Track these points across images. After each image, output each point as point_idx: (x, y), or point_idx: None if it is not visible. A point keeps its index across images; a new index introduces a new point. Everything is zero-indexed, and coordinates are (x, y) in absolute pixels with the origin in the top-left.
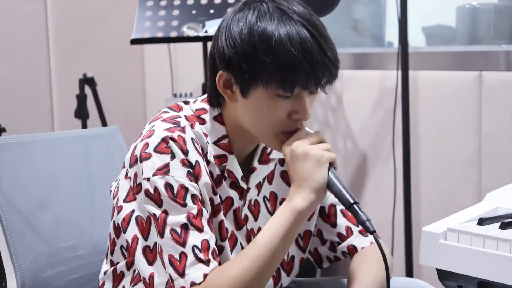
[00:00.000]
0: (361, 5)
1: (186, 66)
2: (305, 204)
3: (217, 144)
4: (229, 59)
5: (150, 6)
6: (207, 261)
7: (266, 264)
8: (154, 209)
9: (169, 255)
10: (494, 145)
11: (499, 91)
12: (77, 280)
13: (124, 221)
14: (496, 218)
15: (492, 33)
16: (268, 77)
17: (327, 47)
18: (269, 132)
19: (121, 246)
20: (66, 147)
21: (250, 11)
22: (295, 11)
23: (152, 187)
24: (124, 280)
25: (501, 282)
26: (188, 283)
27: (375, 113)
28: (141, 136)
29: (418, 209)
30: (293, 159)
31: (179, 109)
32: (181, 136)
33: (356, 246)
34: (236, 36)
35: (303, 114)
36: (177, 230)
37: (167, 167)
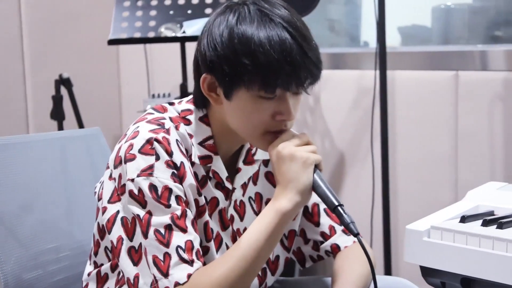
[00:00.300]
0: (336, 5)
1: (163, 66)
2: (290, 206)
3: (202, 145)
4: (211, 62)
5: (127, 7)
6: (191, 261)
7: (251, 264)
8: (138, 210)
9: (153, 256)
10: (470, 144)
11: (475, 90)
12: (60, 282)
13: (109, 222)
14: (478, 216)
15: (467, 33)
16: (249, 79)
17: (308, 48)
18: (254, 133)
19: (106, 247)
20: (48, 149)
21: (231, 14)
22: (276, 13)
23: (136, 188)
24: (108, 282)
25: (483, 278)
26: (172, 283)
27: (353, 112)
28: (126, 137)
29: (396, 207)
30: (279, 161)
31: (164, 111)
32: (166, 137)
33: (340, 245)
34: (217, 39)
35: (287, 115)
36: (161, 230)
37: (151, 168)
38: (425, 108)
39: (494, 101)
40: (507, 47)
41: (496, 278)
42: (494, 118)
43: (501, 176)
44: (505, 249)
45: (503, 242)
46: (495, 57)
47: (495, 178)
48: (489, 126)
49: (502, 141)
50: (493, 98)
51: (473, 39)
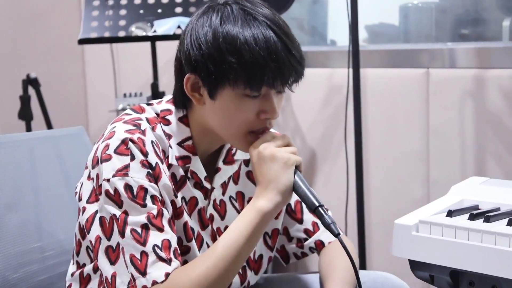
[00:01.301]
0: (302, 4)
1: (130, 65)
2: (271, 206)
3: (181, 146)
4: (195, 62)
5: (97, 6)
6: (168, 260)
7: (230, 264)
8: (114, 210)
9: (130, 255)
10: (441, 140)
11: (445, 87)
12: (46, 281)
13: (88, 222)
14: (464, 210)
15: (435, 31)
16: (234, 78)
17: (292, 46)
18: (237, 133)
19: (87, 247)
20: (29, 149)
21: (214, 14)
22: (260, 12)
23: (112, 188)
24: (91, 283)
25: (472, 271)
26: (150, 282)
27: (324, 110)
28: (103, 137)
29: (369, 203)
30: (260, 161)
31: (141, 111)
32: (141, 138)
33: (324, 241)
34: (201, 39)
35: (272, 113)
36: (138, 230)
37: (126, 168)
38: (396, 106)
39: (464, 98)
40: (476, 45)
41: (484, 270)
42: (464, 114)
43: (472, 172)
44: (493, 241)
45: (491, 235)
46: (465, 55)
47: (466, 174)
48: (460, 123)
49: (472, 138)
50: (463, 95)
51: (441, 37)
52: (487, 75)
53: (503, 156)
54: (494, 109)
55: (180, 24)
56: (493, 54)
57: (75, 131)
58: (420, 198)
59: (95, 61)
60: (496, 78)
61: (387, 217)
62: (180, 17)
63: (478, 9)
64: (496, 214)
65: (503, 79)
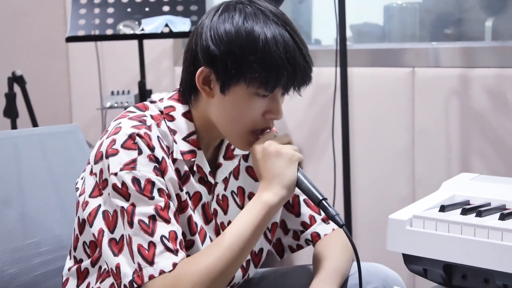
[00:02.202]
0: (289, 3)
1: (115, 64)
2: (276, 199)
3: (186, 140)
4: (214, 57)
5: (84, 4)
6: (175, 250)
7: (237, 254)
8: (122, 203)
9: (138, 245)
10: (426, 138)
11: (431, 86)
12: (41, 276)
13: (91, 216)
14: (455, 205)
15: (418, 31)
16: (252, 76)
17: (306, 52)
18: (240, 130)
19: (84, 242)
20: (26, 145)
21: (236, 12)
22: (274, 13)
23: (119, 182)
24: (89, 277)
25: (465, 264)
26: (157, 271)
27: (310, 109)
28: (107, 133)
29: (355, 201)
30: (264, 157)
31: (145, 109)
32: (147, 133)
33: (320, 233)
34: (222, 35)
35: (277, 114)
36: (145, 220)
37: (134, 162)
38: (382, 104)
39: (449, 97)
40: (461, 44)
41: (477, 263)
42: (449, 113)
43: (457, 169)
44: (486, 235)
45: (484, 229)
46: (450, 54)
47: (451, 172)
48: (445, 121)
49: (457, 136)
50: (448, 94)
51: (425, 37)
52: (471, 74)
53: (488, 153)
54: (479, 107)
55: (167, 22)
56: (477, 54)
57: (69, 128)
58: (406, 195)
59: (79, 59)
60: (481, 77)
61: (373, 214)
62: (167, 15)
63: (461, 10)
64: (487, 209)
65: (487, 78)
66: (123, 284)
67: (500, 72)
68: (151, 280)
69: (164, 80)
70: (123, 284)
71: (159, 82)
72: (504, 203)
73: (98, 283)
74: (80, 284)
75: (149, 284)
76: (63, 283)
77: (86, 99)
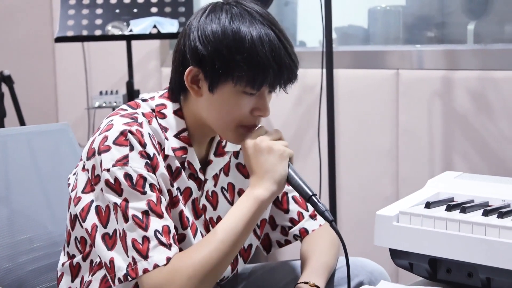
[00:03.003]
0: (274, 5)
1: (102, 64)
2: (267, 194)
3: (178, 137)
4: (202, 57)
5: (73, 5)
6: (169, 245)
7: (230, 248)
8: (114, 198)
9: (132, 239)
10: (410, 139)
11: (414, 88)
12: (35, 271)
13: (83, 211)
14: (440, 202)
15: (402, 33)
16: (239, 75)
17: (291, 51)
18: (229, 125)
19: (75, 238)
20: (17, 144)
21: (223, 13)
22: (260, 13)
23: (112, 178)
24: (81, 271)
25: (450, 258)
26: (151, 265)
27: (296, 110)
28: (99, 130)
29: (340, 200)
30: (256, 153)
31: (136, 106)
32: (139, 130)
33: (308, 229)
34: (210, 35)
35: (264, 111)
36: (139, 215)
37: (126, 158)
38: (367, 105)
39: (432, 98)
40: (444, 47)
41: (461, 257)
42: (432, 114)
43: (440, 169)
44: (470, 230)
45: (468, 225)
46: (433, 57)
47: (433, 171)
48: (428, 122)
49: (440, 136)
50: (432, 95)
51: (408, 39)
52: (454, 76)
53: (470, 153)
54: (461, 108)
55: (155, 23)
56: (460, 56)
57: (60, 126)
58: (390, 194)
59: (66, 58)
60: (463, 79)
61: (358, 213)
62: (155, 16)
63: (443, 13)
64: (471, 206)
65: (470, 80)
66: (117, 277)
67: (482, 74)
68: (145, 273)
69: (151, 81)
70: (117, 277)
71: (146, 82)
72: (487, 200)
73: (90, 276)
74: (74, 279)
75: (143, 278)
76: (58, 278)
77: (72, 99)
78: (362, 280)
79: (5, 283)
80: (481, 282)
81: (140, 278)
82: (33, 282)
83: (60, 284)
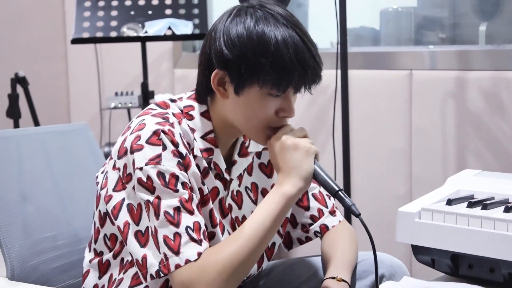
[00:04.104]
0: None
1: (115, 65)
2: (294, 191)
3: (205, 138)
4: (227, 60)
5: (88, 7)
6: (199, 240)
7: (259, 243)
8: (147, 196)
9: (164, 236)
10: (423, 139)
11: (428, 88)
12: (60, 268)
13: (115, 209)
14: (461, 199)
15: (414, 34)
16: (264, 78)
17: (315, 52)
18: (256, 127)
19: (105, 235)
20: (39, 143)
21: (248, 16)
22: (283, 16)
23: (145, 176)
24: (110, 269)
25: (472, 254)
26: (183, 260)
27: (309, 110)
28: (130, 130)
29: (354, 198)
30: (282, 150)
31: (166, 107)
32: (171, 130)
33: (328, 225)
34: (235, 39)
35: (289, 112)
36: (171, 212)
37: (159, 157)
38: (380, 105)
39: (445, 98)
40: (457, 48)
41: (483, 253)
42: (445, 114)
43: (453, 169)
44: (492, 226)
45: (490, 221)
46: (446, 57)
47: (447, 171)
48: (441, 122)
49: (453, 136)
50: (444, 96)
51: (419, 40)
52: (467, 76)
53: (483, 153)
54: (474, 108)
55: (170, 25)
56: (473, 57)
57: (80, 126)
58: (403, 194)
59: (78, 60)
60: (476, 79)
61: (371, 211)
62: (170, 18)
63: (455, 14)
64: (492, 202)
65: (482, 80)
66: (149, 274)
67: (495, 74)
68: (177, 269)
69: (164, 82)
70: (149, 274)
71: (159, 83)
72: (507, 197)
73: (121, 274)
74: (102, 276)
75: (175, 273)
76: (84, 274)
77: (84, 100)
78: (383, 273)
79: (31, 280)
80: (503, 277)
81: (171, 274)
82: (58, 279)
83: (86, 280)
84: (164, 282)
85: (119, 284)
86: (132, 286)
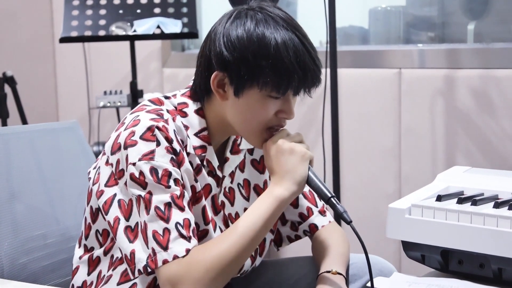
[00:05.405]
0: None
1: (103, 64)
2: (287, 194)
3: (198, 136)
4: (227, 62)
5: (76, 6)
6: (188, 237)
7: (249, 243)
8: (139, 191)
9: (153, 231)
10: (412, 137)
11: (417, 86)
12: (49, 266)
13: (106, 204)
14: (451, 195)
15: (402, 33)
16: (264, 81)
17: (315, 55)
18: (255, 129)
19: (96, 231)
20: (28, 141)
21: (248, 19)
22: (283, 19)
23: (137, 171)
24: (100, 265)
25: (461, 249)
26: (171, 256)
27: (299, 109)
28: (124, 125)
29: (343, 197)
30: (278, 153)
31: (160, 103)
32: (165, 126)
33: (317, 225)
34: (235, 41)
35: (289, 114)
36: (161, 207)
37: (152, 153)
38: (370, 104)
39: (434, 97)
40: (446, 46)
41: (473, 248)
42: (435, 112)
43: (442, 167)
44: (482, 222)
45: (480, 216)
46: (435, 56)
47: (436, 170)
48: (431, 120)
49: (442, 134)
50: (434, 94)
51: (409, 39)
52: (456, 74)
53: (472, 151)
54: (463, 107)
55: (159, 24)
56: (462, 55)
57: (69, 124)
58: (392, 192)
59: (66, 60)
60: (464, 77)
61: (360, 210)
62: (159, 17)
63: (444, 13)
64: (481, 199)
65: (471, 79)
66: (137, 269)
67: (483, 72)
68: (164, 264)
69: (153, 81)
70: (137, 269)
71: (148, 82)
72: (497, 193)
73: (110, 271)
74: (91, 272)
75: (162, 269)
76: (73, 271)
77: (73, 100)
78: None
79: (20, 278)
80: (493, 272)
81: (159, 269)
82: (47, 277)
83: (75, 277)
84: (152, 280)
85: (107, 281)
86: (120, 283)
